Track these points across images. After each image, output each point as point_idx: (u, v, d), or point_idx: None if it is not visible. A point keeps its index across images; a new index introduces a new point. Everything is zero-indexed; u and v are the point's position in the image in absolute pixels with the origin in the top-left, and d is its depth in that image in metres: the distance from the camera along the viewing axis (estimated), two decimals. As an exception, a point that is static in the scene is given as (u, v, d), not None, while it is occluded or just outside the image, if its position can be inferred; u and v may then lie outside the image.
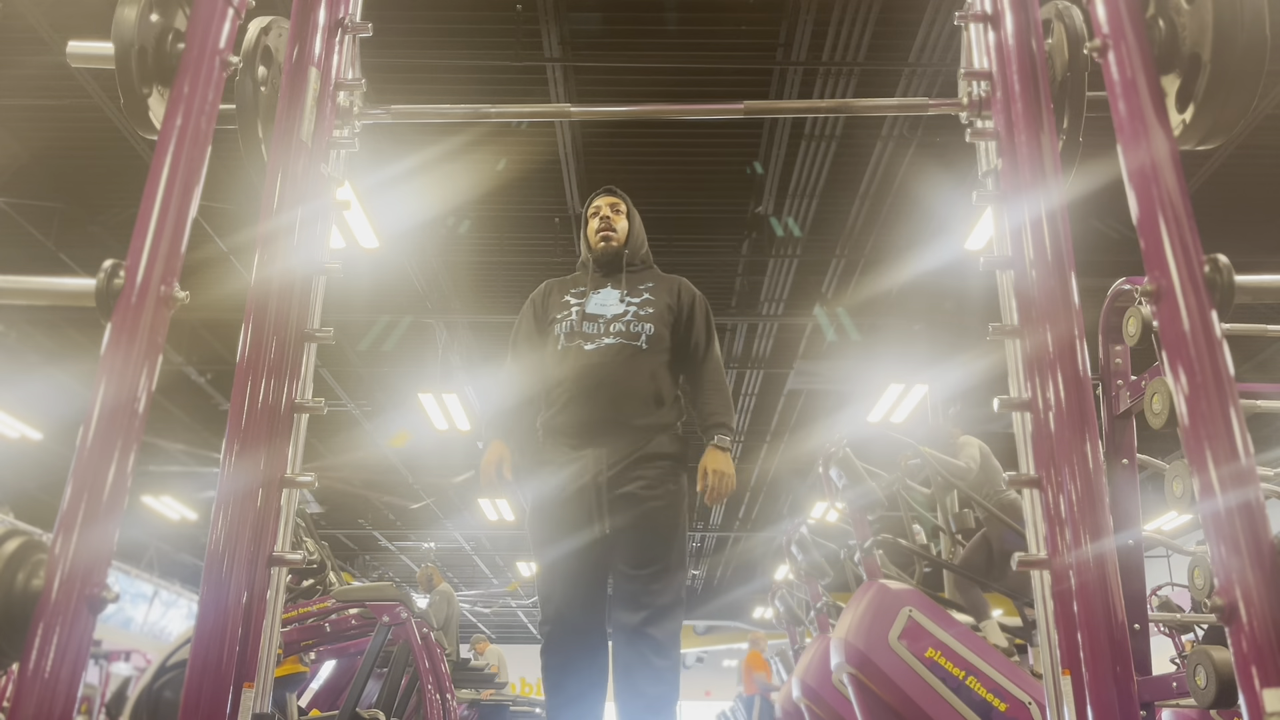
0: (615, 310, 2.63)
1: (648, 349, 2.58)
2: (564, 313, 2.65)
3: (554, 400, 2.59)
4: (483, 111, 2.35)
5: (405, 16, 5.47)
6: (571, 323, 2.61)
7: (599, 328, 2.59)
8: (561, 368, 2.58)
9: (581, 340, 2.57)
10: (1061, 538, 1.50)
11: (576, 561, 2.50)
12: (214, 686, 1.49)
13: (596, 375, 2.53)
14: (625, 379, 2.54)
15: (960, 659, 3.38)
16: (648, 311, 2.63)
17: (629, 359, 2.55)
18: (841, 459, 4.05)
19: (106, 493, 1.27)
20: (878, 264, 7.89)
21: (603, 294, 2.68)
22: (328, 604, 4.11)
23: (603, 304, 2.65)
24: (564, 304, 2.68)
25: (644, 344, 2.58)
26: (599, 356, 2.54)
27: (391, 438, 11.31)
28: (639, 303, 2.65)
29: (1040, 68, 1.79)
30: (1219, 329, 1.26)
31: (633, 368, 2.55)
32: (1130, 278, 2.24)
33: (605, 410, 2.52)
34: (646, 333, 2.59)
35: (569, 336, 2.60)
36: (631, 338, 2.57)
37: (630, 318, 2.60)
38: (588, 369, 2.54)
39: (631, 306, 2.63)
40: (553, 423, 2.59)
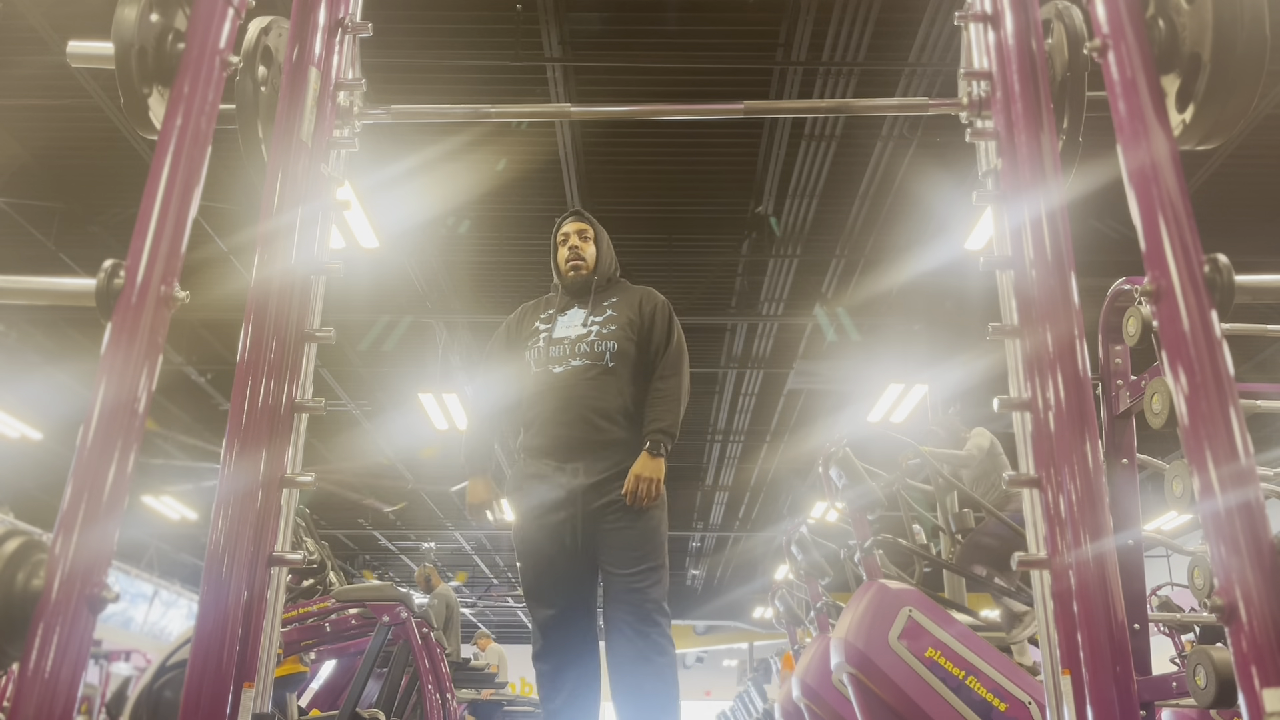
0: (579, 331, 2.71)
1: (614, 365, 2.67)
2: (533, 339, 2.75)
3: (530, 423, 2.69)
4: (483, 111, 2.35)
5: (405, 16, 5.47)
6: (539, 349, 2.71)
7: (564, 350, 2.68)
8: (533, 392, 2.68)
9: (550, 364, 2.68)
10: (1061, 537, 1.50)
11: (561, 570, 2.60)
12: (214, 686, 1.49)
13: (565, 396, 2.62)
14: (594, 398, 2.62)
15: (960, 659, 3.38)
16: (610, 329, 2.71)
17: (596, 378, 2.64)
18: (841, 459, 4.05)
19: (106, 493, 1.27)
20: (878, 264, 7.89)
21: (569, 315, 2.77)
22: (328, 604, 4.10)
23: (568, 326, 2.74)
24: (534, 330, 2.78)
25: (609, 361, 2.66)
26: (568, 378, 2.64)
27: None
28: (601, 320, 2.73)
29: (1040, 68, 1.79)
30: (1219, 329, 1.26)
31: (601, 386, 2.63)
32: (1130, 278, 2.24)
33: (577, 429, 2.61)
34: (610, 350, 2.67)
35: (538, 361, 2.70)
36: (596, 357, 2.66)
37: (594, 337, 2.69)
38: (557, 390, 2.63)
39: (594, 326, 2.72)
40: (531, 444, 2.68)
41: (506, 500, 2.75)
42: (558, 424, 2.62)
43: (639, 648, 2.51)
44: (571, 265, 2.83)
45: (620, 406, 2.64)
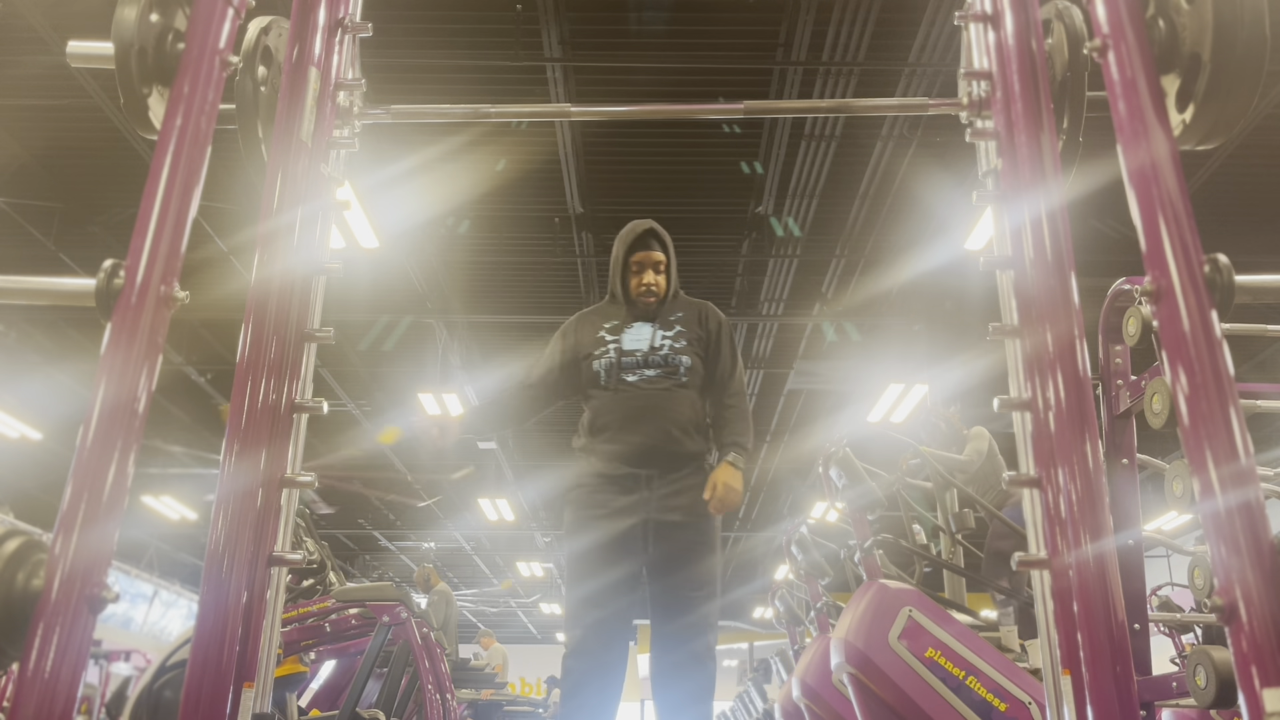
0: (651, 344, 2.74)
1: (686, 380, 2.71)
2: (601, 349, 2.75)
3: (599, 429, 2.71)
4: (483, 111, 2.35)
5: (405, 16, 5.47)
6: (610, 360, 2.72)
7: (637, 360, 2.71)
8: (605, 401, 2.70)
9: (623, 373, 2.70)
10: (1062, 537, 1.50)
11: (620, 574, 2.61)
12: (214, 686, 1.49)
13: (640, 406, 2.66)
14: (669, 409, 2.67)
15: (960, 659, 3.38)
16: (682, 344, 2.74)
17: (670, 390, 2.69)
18: (841, 459, 4.05)
19: (106, 493, 1.27)
20: (878, 264, 7.89)
21: (636, 329, 2.78)
22: (328, 604, 4.11)
23: (638, 339, 2.76)
24: (599, 340, 2.78)
25: (683, 376, 2.71)
26: (644, 388, 2.68)
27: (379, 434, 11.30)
28: (672, 335, 2.76)
29: (1040, 68, 1.79)
30: (1219, 329, 1.26)
31: (674, 398, 2.68)
32: (1130, 278, 2.24)
33: (653, 438, 2.64)
34: (684, 365, 2.72)
35: (609, 371, 2.71)
36: (671, 370, 2.70)
37: (666, 351, 2.72)
38: (630, 400, 2.67)
39: (666, 340, 2.75)
40: (602, 449, 2.69)
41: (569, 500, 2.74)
42: (633, 432, 2.65)
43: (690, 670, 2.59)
44: (645, 297, 2.81)
45: (692, 419, 2.70)
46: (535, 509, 15.02)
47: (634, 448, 2.64)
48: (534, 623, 23.67)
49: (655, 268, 2.82)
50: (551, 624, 24.26)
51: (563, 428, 12.02)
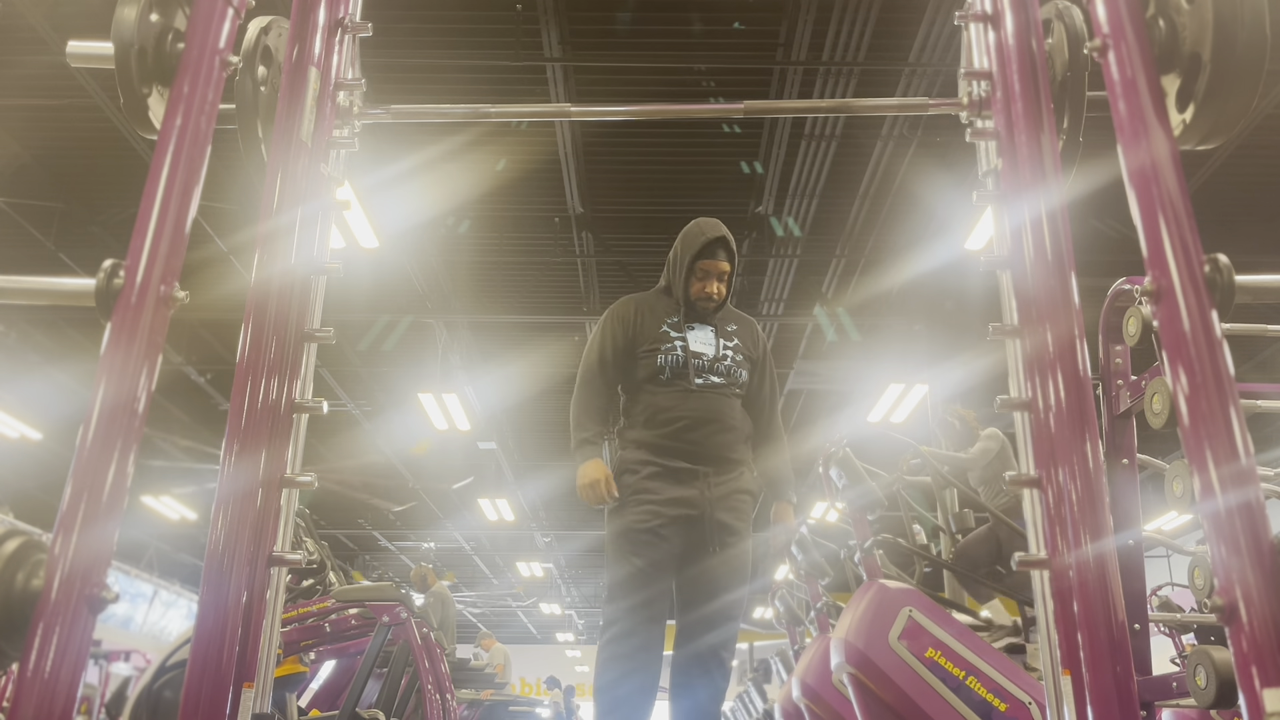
0: (715, 352, 2.80)
1: (740, 393, 2.82)
2: (667, 344, 2.78)
3: (661, 424, 2.73)
4: (483, 111, 2.35)
5: (405, 16, 5.47)
6: (678, 358, 2.76)
7: (703, 365, 2.77)
8: (668, 398, 2.74)
9: (691, 374, 2.74)
10: (1062, 537, 1.50)
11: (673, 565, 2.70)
12: (214, 686, 1.49)
13: (703, 407, 2.72)
14: (727, 417, 2.75)
15: (960, 659, 3.38)
16: (740, 358, 2.83)
17: (729, 399, 2.77)
18: (841, 459, 4.05)
19: (106, 493, 1.27)
20: (878, 264, 7.89)
21: (698, 331, 2.83)
22: (328, 604, 4.10)
23: (703, 342, 2.81)
24: (662, 334, 2.80)
25: (739, 389, 2.82)
26: (708, 393, 2.74)
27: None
28: (733, 348, 2.84)
29: (1040, 68, 1.79)
30: (1219, 329, 1.26)
31: (732, 408, 2.78)
32: (1130, 278, 2.24)
33: (714, 441, 2.72)
34: (741, 378, 2.81)
35: (676, 370, 2.75)
36: (733, 381, 2.79)
37: (730, 362, 2.80)
38: (696, 402, 2.72)
39: (728, 350, 2.83)
40: (658, 442, 2.73)
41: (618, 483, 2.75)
42: (695, 431, 2.71)
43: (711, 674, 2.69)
44: (706, 303, 2.85)
45: (744, 429, 2.81)
46: (535, 509, 15.02)
47: (696, 446, 2.70)
48: (534, 623, 23.69)
49: (720, 277, 2.85)
50: (551, 624, 24.27)
51: (562, 428, 11.99)
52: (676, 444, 2.71)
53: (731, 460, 2.75)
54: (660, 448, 2.72)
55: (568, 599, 21.88)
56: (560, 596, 21.35)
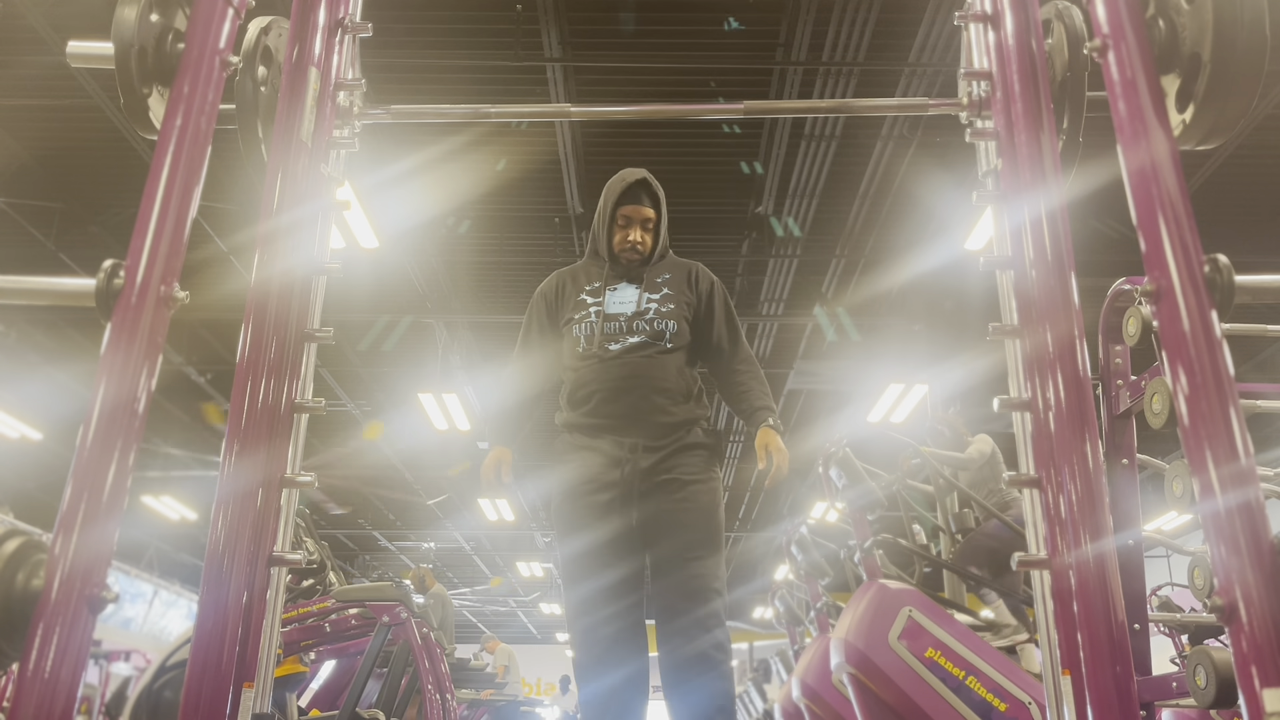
0: (634, 308, 2.52)
1: (672, 347, 2.51)
2: (581, 313, 2.55)
3: (579, 401, 2.51)
4: (483, 111, 2.35)
5: (405, 16, 5.47)
6: (591, 324, 2.52)
7: (619, 327, 2.50)
8: (586, 371, 2.50)
9: (604, 340, 2.49)
10: (1062, 538, 1.50)
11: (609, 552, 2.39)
12: (214, 686, 1.49)
13: (623, 374, 2.45)
14: (654, 377, 2.46)
15: (960, 659, 3.38)
16: (669, 308, 2.53)
17: (655, 357, 2.48)
18: (841, 459, 4.05)
19: (106, 493, 1.27)
20: (878, 264, 7.89)
21: (620, 290, 2.57)
22: (328, 604, 4.11)
23: (621, 302, 2.55)
24: (580, 303, 2.58)
25: (668, 343, 2.50)
26: (625, 356, 2.47)
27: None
28: (659, 299, 2.54)
29: (1040, 68, 1.79)
30: (1219, 329, 1.26)
31: (659, 365, 2.47)
32: (1130, 278, 2.24)
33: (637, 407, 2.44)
34: (670, 330, 2.51)
35: (589, 339, 2.51)
36: (656, 336, 2.49)
37: (652, 315, 2.51)
38: (614, 370, 2.46)
39: (652, 303, 2.53)
40: (582, 422, 2.50)
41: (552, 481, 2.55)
42: (616, 402, 2.44)
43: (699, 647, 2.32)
44: (629, 254, 2.58)
45: (680, 388, 2.49)
46: (535, 509, 15.02)
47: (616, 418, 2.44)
48: (534, 623, 23.68)
49: (644, 224, 2.59)
50: (551, 624, 24.28)
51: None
52: (596, 420, 2.46)
53: (664, 425, 2.44)
54: (582, 427, 2.49)
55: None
56: (560, 596, 21.32)
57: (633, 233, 2.57)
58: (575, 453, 2.50)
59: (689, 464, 2.45)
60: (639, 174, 2.60)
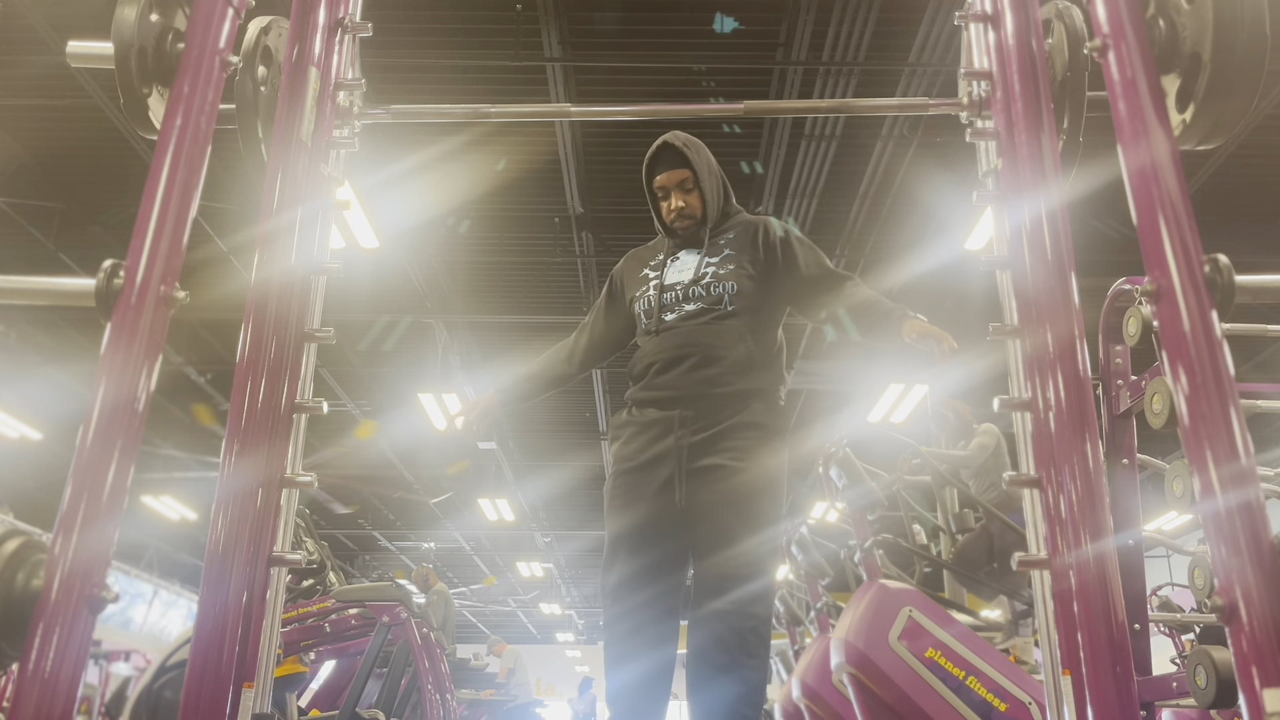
0: (693, 274, 2.39)
1: (734, 309, 2.33)
2: (642, 289, 2.46)
3: (637, 376, 2.40)
4: (483, 111, 2.35)
5: (405, 16, 5.47)
6: (649, 298, 2.41)
7: (676, 296, 2.38)
8: (645, 344, 2.40)
9: (662, 312, 2.38)
10: (1061, 538, 1.50)
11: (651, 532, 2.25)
12: (214, 686, 1.49)
13: (677, 344, 2.32)
14: (710, 344, 2.30)
15: (960, 659, 3.38)
16: (728, 269, 2.37)
17: (712, 323, 2.32)
18: (841, 459, 4.05)
19: (106, 493, 1.27)
20: (878, 264, 7.89)
21: (681, 259, 2.46)
22: (328, 604, 4.11)
23: (681, 270, 2.43)
24: (642, 279, 2.49)
25: (728, 305, 2.34)
26: (680, 325, 2.34)
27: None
28: (718, 260, 2.40)
29: (1040, 68, 1.79)
30: (1219, 329, 1.26)
31: (719, 331, 2.31)
32: (1130, 278, 2.24)
33: (689, 377, 2.29)
34: (729, 292, 2.34)
35: (648, 314, 2.40)
36: (714, 301, 2.34)
37: (709, 279, 2.37)
38: (668, 340, 2.34)
39: (710, 267, 2.39)
40: (637, 397, 2.39)
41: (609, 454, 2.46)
42: (668, 374, 2.31)
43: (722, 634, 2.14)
44: (679, 222, 2.45)
45: (742, 355, 2.31)
46: (535, 509, 15.03)
47: (667, 391, 2.30)
48: (534, 623, 23.69)
49: (681, 186, 2.45)
50: (551, 624, 24.28)
51: (563, 428, 12.02)
52: (649, 394, 2.34)
53: (718, 396, 2.27)
54: (636, 400, 2.39)
55: (568, 599, 21.88)
56: (560, 596, 21.35)
57: (674, 200, 2.45)
58: (626, 428, 2.39)
59: (740, 448, 2.25)
60: (664, 139, 2.51)
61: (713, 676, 2.15)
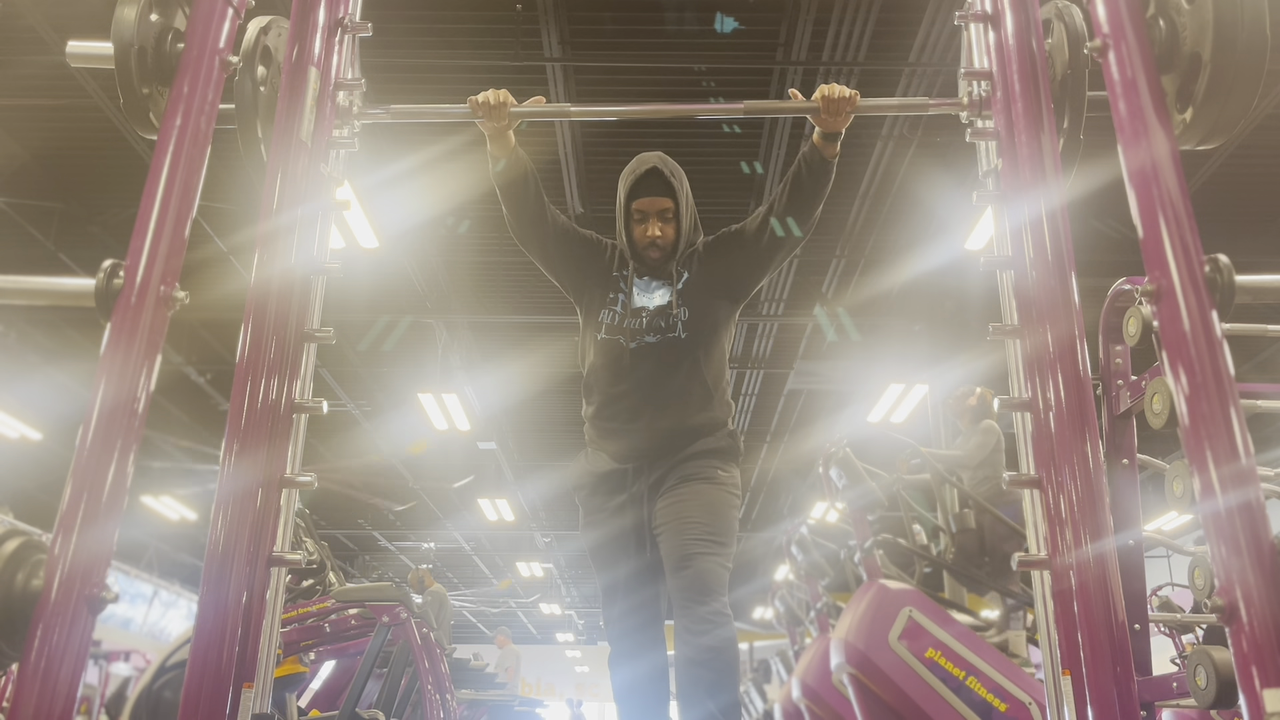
0: (659, 301, 2.36)
1: (687, 336, 2.33)
2: (611, 293, 2.40)
3: (596, 402, 2.41)
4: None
5: (405, 16, 5.48)
6: (616, 314, 2.37)
7: (640, 323, 2.34)
8: (604, 369, 2.37)
9: (623, 337, 2.34)
10: (1062, 538, 1.50)
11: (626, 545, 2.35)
12: (214, 687, 1.49)
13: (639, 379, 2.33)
14: (671, 384, 2.33)
15: (960, 659, 3.38)
16: (690, 295, 2.37)
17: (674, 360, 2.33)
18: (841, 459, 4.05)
19: (106, 493, 1.27)
20: (878, 264, 7.90)
21: (647, 283, 2.41)
22: (328, 604, 4.10)
23: (647, 293, 2.39)
24: (611, 280, 2.42)
25: (681, 332, 2.32)
26: (638, 359, 2.33)
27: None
28: (682, 289, 2.37)
29: (1040, 67, 1.79)
30: (1219, 329, 1.26)
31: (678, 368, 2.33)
32: (1130, 278, 2.24)
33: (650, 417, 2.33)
34: (683, 318, 2.33)
35: (610, 329, 2.36)
36: (669, 329, 2.33)
37: (674, 310, 2.35)
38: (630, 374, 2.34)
39: (675, 294, 2.37)
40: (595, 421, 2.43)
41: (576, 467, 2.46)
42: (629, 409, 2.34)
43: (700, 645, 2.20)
44: (652, 251, 2.38)
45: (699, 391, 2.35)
46: (535, 509, 15.03)
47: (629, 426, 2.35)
48: (534, 623, 23.70)
49: (661, 215, 2.39)
50: (551, 624, 24.30)
51: (562, 428, 12.03)
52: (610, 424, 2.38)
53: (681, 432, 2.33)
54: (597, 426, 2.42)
55: (568, 599, 21.90)
56: (560, 596, 21.36)
57: (651, 227, 2.38)
58: (592, 448, 2.44)
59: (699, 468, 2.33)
60: (650, 162, 2.44)
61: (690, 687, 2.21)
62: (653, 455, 2.35)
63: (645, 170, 2.41)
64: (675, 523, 2.29)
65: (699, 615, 2.22)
